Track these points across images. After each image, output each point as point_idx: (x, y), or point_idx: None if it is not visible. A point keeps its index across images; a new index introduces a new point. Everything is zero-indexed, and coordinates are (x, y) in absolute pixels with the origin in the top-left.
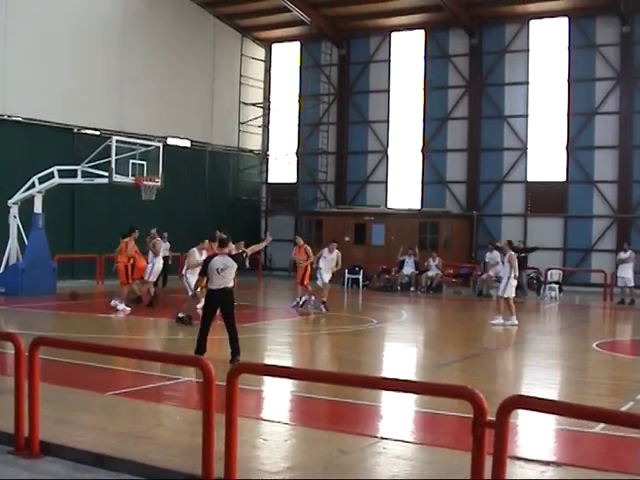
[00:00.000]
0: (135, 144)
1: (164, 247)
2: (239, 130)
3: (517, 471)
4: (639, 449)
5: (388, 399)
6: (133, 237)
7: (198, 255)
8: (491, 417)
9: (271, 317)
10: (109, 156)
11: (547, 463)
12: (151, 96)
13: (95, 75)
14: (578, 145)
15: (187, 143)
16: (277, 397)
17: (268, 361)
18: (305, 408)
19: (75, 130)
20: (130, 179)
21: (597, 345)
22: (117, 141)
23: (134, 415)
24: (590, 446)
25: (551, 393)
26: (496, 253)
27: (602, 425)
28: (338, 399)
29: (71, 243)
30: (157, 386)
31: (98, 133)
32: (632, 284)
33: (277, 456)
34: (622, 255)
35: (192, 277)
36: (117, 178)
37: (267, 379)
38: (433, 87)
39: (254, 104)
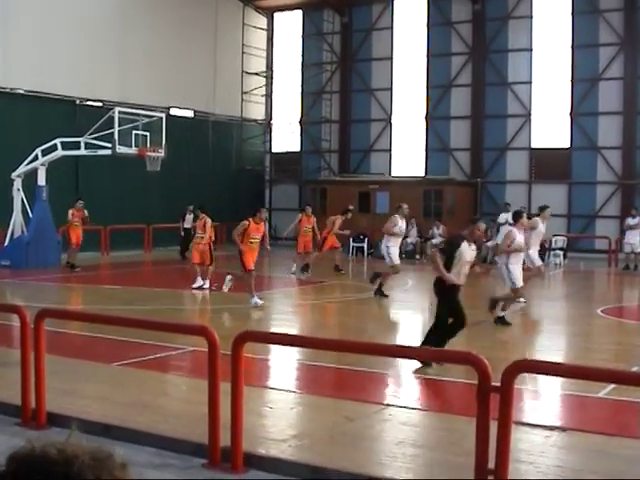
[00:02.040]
0: (138, 115)
1: (188, 219)
2: (242, 100)
3: (522, 436)
4: None
5: (393, 366)
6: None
7: (400, 222)
8: (496, 383)
9: (275, 286)
10: (112, 127)
11: (551, 428)
12: (153, 67)
13: (97, 46)
14: (582, 111)
15: (190, 113)
16: (282, 365)
17: (273, 330)
18: (310, 376)
19: (78, 102)
20: (133, 150)
21: (602, 311)
22: (120, 112)
23: (140, 385)
24: (594, 411)
25: (556, 359)
26: (508, 215)
27: (606, 390)
28: (343, 367)
29: None
30: (163, 356)
31: (101, 104)
32: (639, 250)
33: (283, 424)
34: (630, 221)
35: (394, 248)
36: (120, 149)
37: (272, 347)
38: (436, 54)
39: (257, 73)
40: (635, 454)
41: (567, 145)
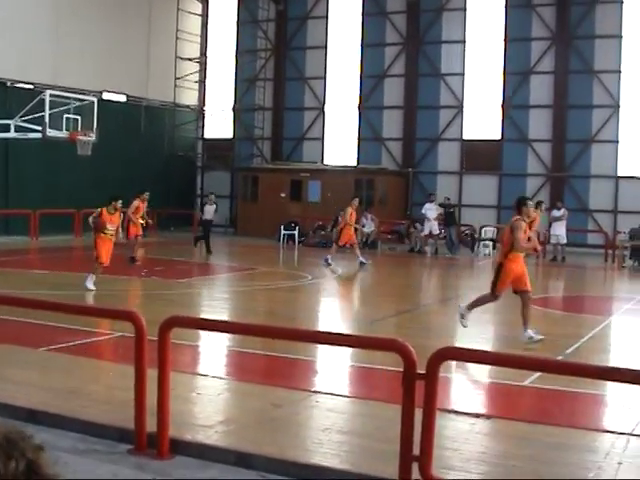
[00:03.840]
0: (69, 98)
1: (209, 210)
2: (175, 85)
3: (447, 423)
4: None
5: (321, 353)
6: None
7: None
8: (422, 371)
9: (206, 273)
10: (43, 110)
11: (477, 415)
12: (86, 50)
13: (29, 28)
14: (513, 104)
15: (122, 98)
16: (211, 351)
17: (202, 316)
18: (238, 362)
19: (8, 84)
20: (64, 134)
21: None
22: (51, 95)
23: (67, 371)
24: (519, 399)
25: (482, 347)
26: (434, 205)
27: (531, 378)
28: (271, 353)
29: (5, 199)
30: (91, 341)
31: (32, 87)
32: (565, 241)
33: (210, 410)
34: (556, 213)
35: None
36: (51, 133)
37: (201, 334)
38: (370, 44)
39: (190, 59)
40: (557, 441)
41: (498, 137)
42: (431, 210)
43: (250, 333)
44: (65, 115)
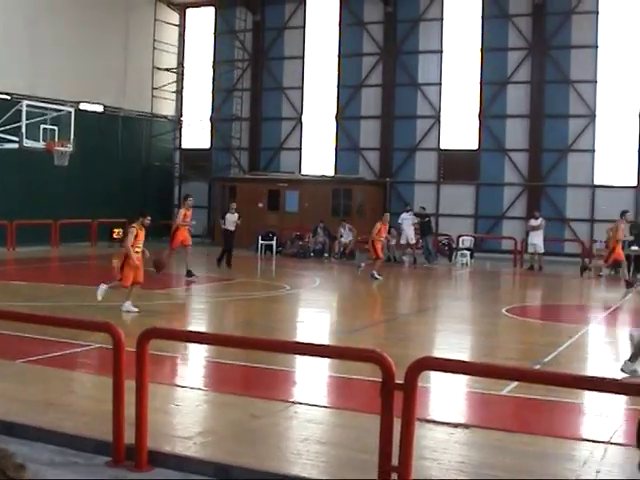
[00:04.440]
0: (46, 109)
1: (230, 219)
2: (152, 96)
3: (426, 433)
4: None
5: (300, 364)
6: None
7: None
8: (400, 381)
9: (184, 284)
10: (19, 121)
11: (455, 425)
12: (63, 60)
13: (6, 38)
14: (490, 114)
15: (100, 108)
16: (189, 363)
17: (180, 327)
18: (217, 373)
19: None
20: (41, 144)
21: (507, 310)
22: (28, 105)
23: (45, 383)
24: (497, 408)
25: (461, 357)
26: (410, 215)
27: (509, 388)
28: (250, 364)
29: None
30: (69, 353)
31: (8, 97)
32: (542, 251)
33: (189, 421)
34: (533, 222)
35: None
36: (27, 143)
37: (180, 345)
38: (347, 54)
39: (168, 69)
40: (535, 450)
41: (475, 147)
42: (407, 220)
43: (228, 344)
44: (42, 125)
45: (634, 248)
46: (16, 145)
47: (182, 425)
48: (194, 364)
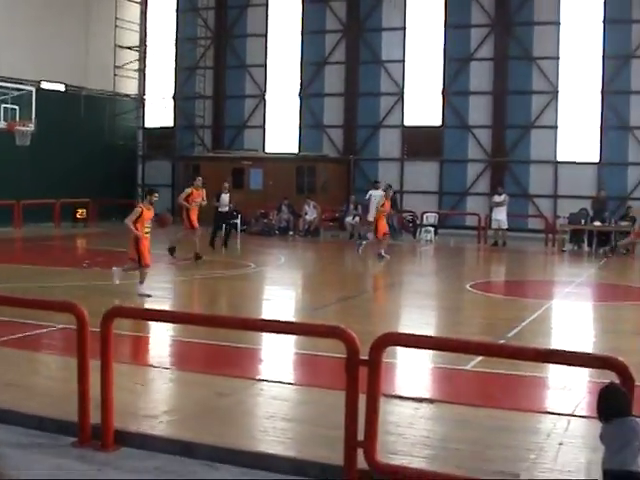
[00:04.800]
0: (7, 88)
1: (224, 199)
2: (115, 74)
3: (391, 409)
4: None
5: (266, 342)
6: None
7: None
8: (365, 357)
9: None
10: None
11: (420, 400)
12: (23, 39)
13: None
14: (453, 90)
15: (61, 87)
16: (154, 342)
17: (145, 306)
18: (182, 352)
19: None
20: (2, 124)
21: (471, 286)
22: None
23: (8, 364)
24: (462, 383)
25: (425, 332)
26: (379, 192)
27: (473, 362)
28: (216, 342)
29: None
30: (32, 334)
31: None
32: (506, 226)
33: (154, 400)
34: (496, 198)
35: None
36: None
37: (144, 324)
38: (310, 31)
39: (130, 48)
40: (499, 424)
41: (439, 123)
42: (376, 197)
43: (193, 322)
44: (3, 105)
45: (597, 223)
46: None
47: (148, 404)
48: (159, 343)
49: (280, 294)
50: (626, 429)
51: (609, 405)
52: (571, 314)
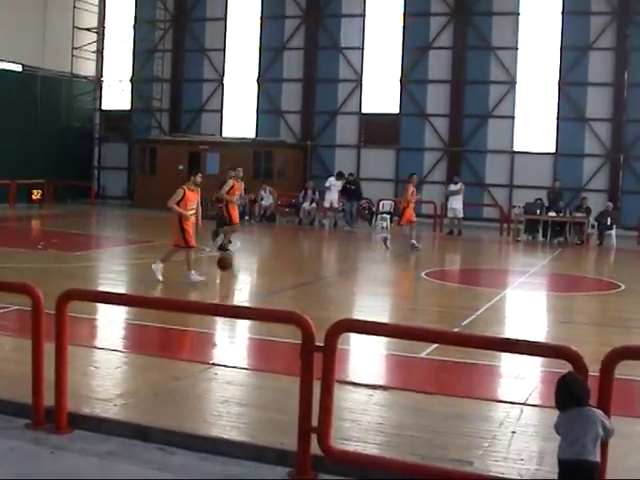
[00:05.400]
0: None
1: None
2: (72, 55)
3: (346, 395)
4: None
5: (221, 326)
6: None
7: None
8: (320, 343)
9: (104, 245)
10: None
11: (375, 387)
12: None
13: None
14: (412, 78)
15: (18, 67)
16: (109, 324)
17: (100, 288)
18: (137, 335)
19: None
20: None
21: (426, 274)
22: None
23: None
24: (416, 370)
25: (380, 319)
26: (339, 182)
27: (428, 350)
28: (171, 326)
29: None
30: None
31: None
32: (461, 215)
33: (108, 383)
34: (452, 187)
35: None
36: None
37: (99, 307)
38: (270, 16)
39: (88, 29)
40: (453, 411)
41: (396, 111)
42: (335, 185)
43: (148, 306)
44: None
45: (552, 214)
46: None
47: (102, 387)
48: (114, 326)
49: (235, 279)
50: (584, 418)
51: (567, 394)
52: (525, 303)
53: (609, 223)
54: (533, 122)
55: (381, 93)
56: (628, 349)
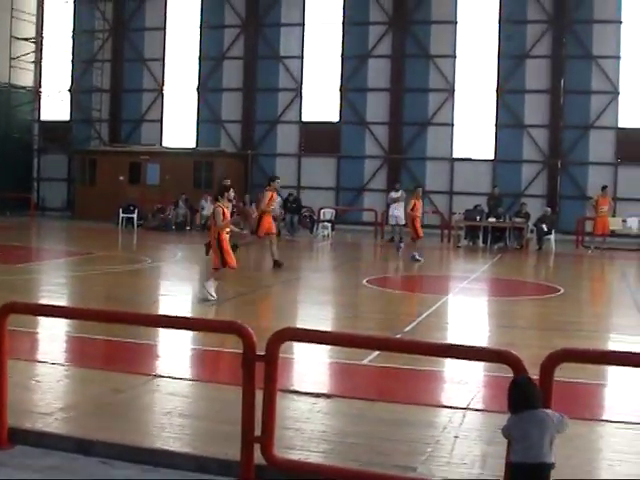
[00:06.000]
0: None
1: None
2: (10, 66)
3: (289, 404)
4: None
5: (162, 337)
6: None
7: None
8: (262, 352)
9: (44, 258)
10: None
11: (317, 395)
12: None
13: None
14: (351, 87)
15: None
16: (49, 338)
17: (40, 301)
18: (79, 348)
19: None
20: None
21: (367, 281)
22: None
23: None
24: (359, 378)
25: (322, 328)
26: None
27: (370, 357)
28: (112, 338)
29: None
30: None
31: None
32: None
33: (49, 397)
34: (393, 195)
35: None
36: None
37: (39, 320)
38: (209, 26)
39: (26, 39)
40: (396, 417)
41: (336, 119)
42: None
43: (90, 318)
44: None
45: (491, 220)
46: None
47: (43, 401)
48: (55, 339)
49: (176, 289)
50: (538, 421)
51: (520, 397)
52: (466, 309)
53: (548, 228)
54: (472, 129)
55: (321, 102)
56: (567, 352)
